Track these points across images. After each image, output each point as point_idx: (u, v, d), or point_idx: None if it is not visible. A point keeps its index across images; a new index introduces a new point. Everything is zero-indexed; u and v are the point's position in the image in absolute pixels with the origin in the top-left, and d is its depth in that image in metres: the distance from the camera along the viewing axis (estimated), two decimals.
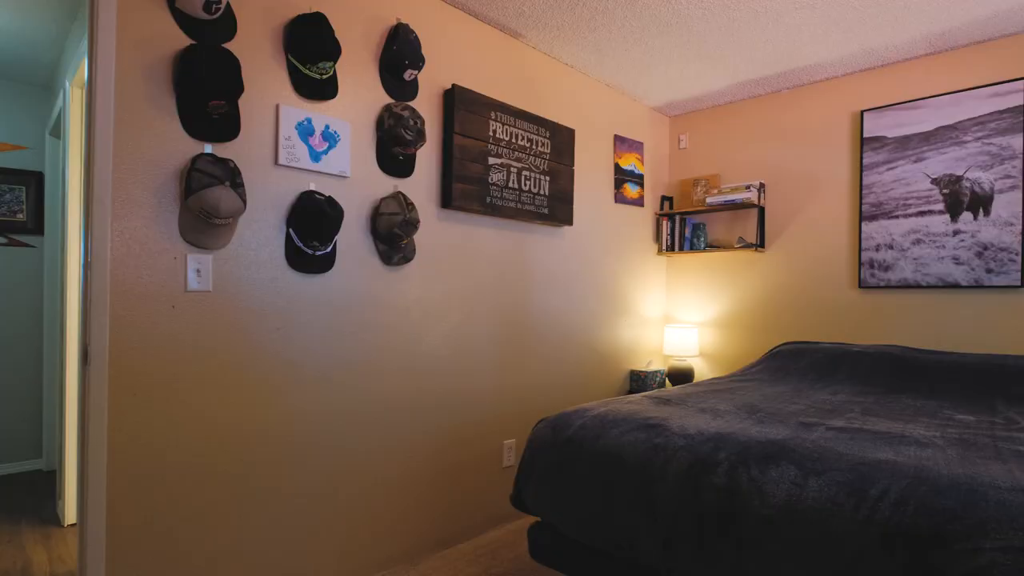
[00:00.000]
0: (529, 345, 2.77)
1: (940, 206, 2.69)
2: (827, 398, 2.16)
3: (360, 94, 2.06)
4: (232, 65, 1.62)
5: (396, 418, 2.21)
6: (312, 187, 1.93)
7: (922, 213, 2.74)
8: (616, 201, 3.30)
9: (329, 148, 1.96)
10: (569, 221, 2.85)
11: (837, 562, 1.12)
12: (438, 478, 2.36)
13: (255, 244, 1.79)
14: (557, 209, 2.78)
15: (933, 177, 2.71)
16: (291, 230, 1.87)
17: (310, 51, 1.82)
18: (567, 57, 2.84)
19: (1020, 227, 2.49)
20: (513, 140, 2.54)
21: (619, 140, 3.31)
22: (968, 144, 2.61)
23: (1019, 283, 2.49)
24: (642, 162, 3.48)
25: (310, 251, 1.90)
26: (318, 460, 1.96)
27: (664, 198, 3.64)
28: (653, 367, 3.56)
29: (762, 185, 3.26)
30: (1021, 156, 2.48)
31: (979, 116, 2.58)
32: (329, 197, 1.91)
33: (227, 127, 1.71)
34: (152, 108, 1.58)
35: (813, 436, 1.49)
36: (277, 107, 1.83)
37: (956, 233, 2.65)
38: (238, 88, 1.63)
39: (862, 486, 1.17)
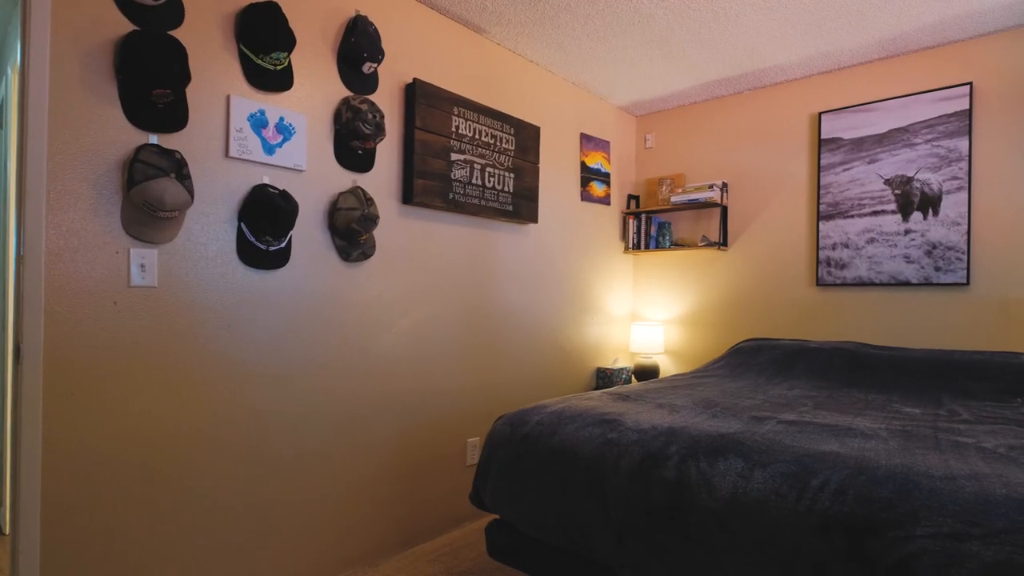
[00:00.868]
0: (494, 343, 2.76)
1: (892, 206, 2.77)
2: (783, 393, 2.21)
3: (317, 86, 2.02)
4: (178, 52, 1.56)
5: (356, 418, 2.17)
6: (266, 180, 1.89)
7: (876, 213, 2.82)
8: (582, 199, 3.31)
9: (284, 141, 1.92)
10: (534, 219, 2.85)
11: (779, 552, 1.14)
12: (400, 478, 2.33)
13: (204, 238, 1.74)
14: (522, 207, 2.77)
15: (886, 178, 2.79)
16: (243, 224, 1.82)
17: (262, 41, 1.78)
18: (532, 54, 2.83)
19: (966, 227, 2.58)
20: (477, 136, 2.52)
21: (585, 138, 3.32)
22: (918, 146, 2.70)
23: (965, 281, 2.58)
24: (609, 161, 3.50)
25: (263, 246, 1.86)
26: (274, 461, 1.92)
27: (631, 197, 3.67)
28: (619, 364, 3.58)
29: (725, 185, 3.31)
30: (967, 158, 2.58)
31: (928, 119, 2.67)
32: (283, 191, 1.87)
33: (174, 117, 1.65)
34: (92, 96, 1.52)
35: (763, 429, 1.52)
36: (228, 98, 1.78)
37: (907, 232, 2.73)
38: (184, 76, 1.58)
39: (804, 477, 1.19)
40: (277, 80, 1.89)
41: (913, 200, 2.71)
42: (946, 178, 2.63)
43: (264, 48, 1.79)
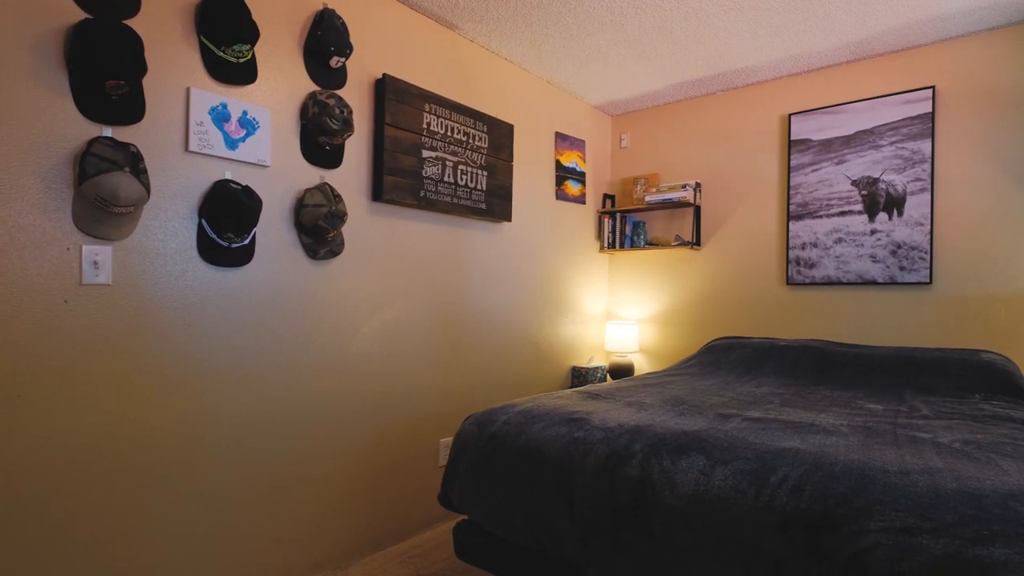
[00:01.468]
0: (468, 342, 2.74)
1: (859, 206, 2.82)
2: (752, 390, 2.23)
3: (282, 80, 1.98)
4: (132, 42, 1.51)
5: (325, 418, 2.13)
6: (228, 176, 1.84)
7: (843, 213, 2.87)
8: (557, 198, 3.31)
9: (247, 135, 1.87)
10: (508, 217, 2.83)
11: (739, 549, 1.14)
12: (371, 478, 2.30)
13: (162, 235, 1.69)
14: (495, 205, 2.75)
15: (853, 179, 2.84)
16: (204, 221, 1.77)
17: (224, 33, 1.73)
18: (506, 51, 2.82)
19: (929, 227, 2.64)
20: (449, 133, 2.50)
21: (560, 137, 3.32)
22: (884, 148, 2.75)
23: (928, 280, 2.63)
24: (584, 160, 3.51)
25: (225, 243, 1.81)
26: (239, 462, 1.87)
27: (606, 196, 3.68)
28: (594, 363, 3.59)
29: (698, 184, 3.34)
30: (930, 160, 2.63)
31: (893, 122, 2.72)
32: (246, 187, 1.82)
33: (129, 109, 1.60)
34: (40, 86, 1.46)
35: (727, 427, 1.53)
36: (188, 90, 1.73)
37: (873, 232, 2.78)
38: (139, 67, 1.53)
39: (764, 474, 1.20)
40: (240, 73, 1.84)
41: (879, 201, 2.77)
42: (910, 179, 2.68)
43: (225, 40, 1.74)
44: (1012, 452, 1.34)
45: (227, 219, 1.77)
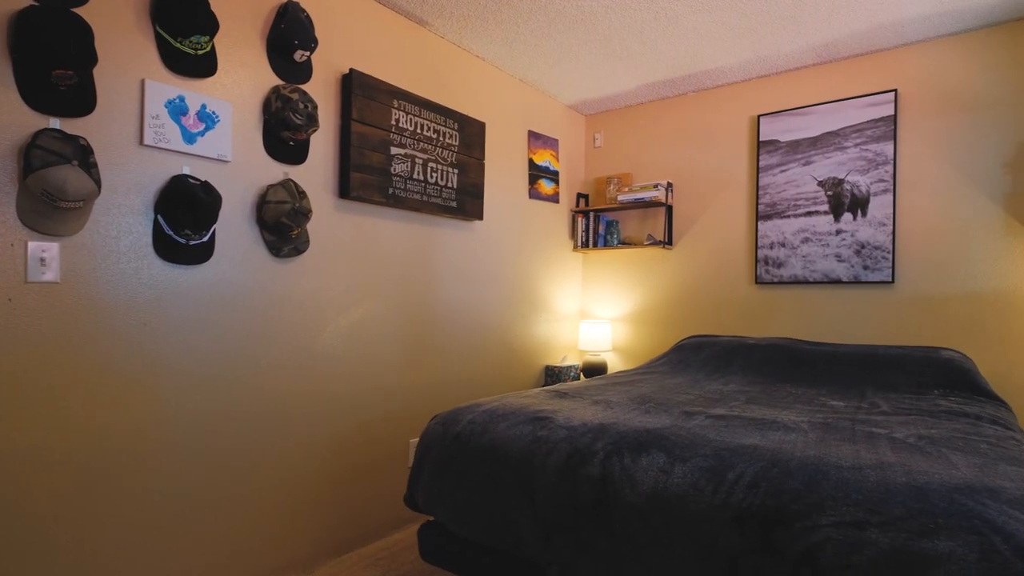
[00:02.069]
0: (439, 342, 2.71)
1: (825, 207, 2.87)
2: (719, 388, 2.25)
3: (244, 73, 1.93)
4: (81, 31, 1.46)
5: (291, 418, 2.09)
6: (186, 171, 1.79)
7: (810, 213, 2.91)
8: (531, 197, 3.30)
9: (206, 129, 1.82)
10: (479, 216, 2.82)
11: (696, 545, 1.15)
12: (337, 480, 2.26)
13: (115, 231, 1.63)
14: (467, 203, 2.73)
15: (819, 180, 2.89)
16: (160, 217, 1.72)
17: (180, 23, 1.68)
18: (477, 49, 2.80)
19: (891, 227, 2.70)
20: (418, 130, 2.47)
21: (533, 136, 3.32)
22: (849, 149, 2.81)
23: (891, 279, 2.69)
24: (557, 159, 3.51)
25: (183, 240, 1.76)
26: (200, 464, 1.82)
27: (580, 195, 3.69)
28: (568, 362, 3.59)
29: (670, 184, 3.36)
30: (892, 162, 2.69)
31: (857, 124, 2.78)
32: (205, 182, 1.77)
33: (79, 101, 1.54)
34: None
35: (690, 424, 1.53)
36: (143, 82, 1.68)
37: (839, 232, 2.83)
38: (88, 57, 1.47)
39: (721, 471, 1.20)
40: (199, 65, 1.79)
41: (844, 201, 2.82)
42: (873, 180, 2.74)
43: (182, 31, 1.69)
44: (963, 447, 1.37)
45: (184, 215, 1.72)
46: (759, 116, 3.07)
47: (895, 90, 2.69)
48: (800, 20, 2.46)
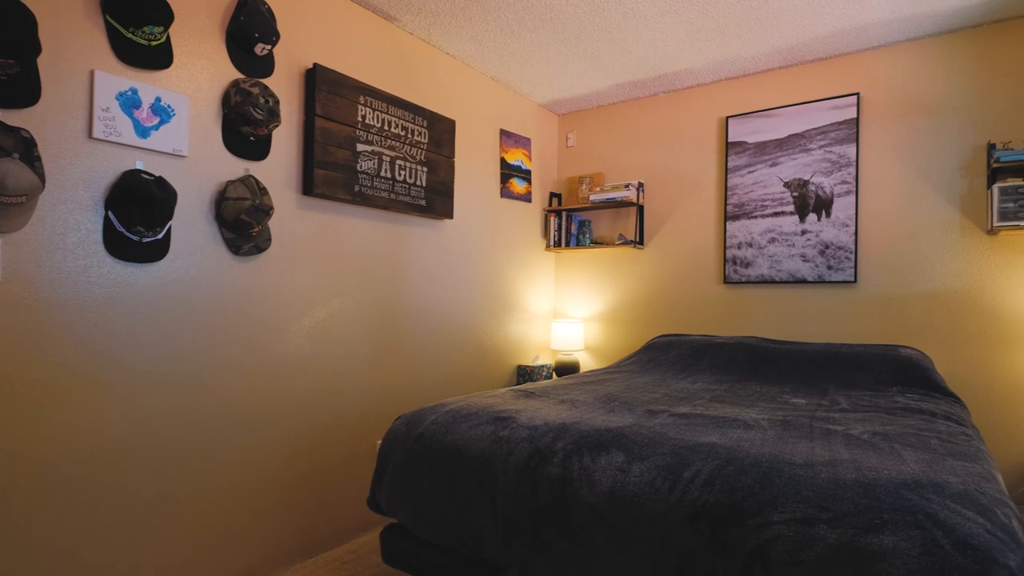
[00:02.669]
0: (408, 342, 2.68)
1: (791, 208, 2.92)
2: (686, 387, 2.27)
3: (201, 66, 1.88)
4: (23, 18, 1.40)
5: (253, 419, 2.04)
6: (139, 166, 1.73)
7: (776, 214, 2.96)
8: (503, 196, 3.29)
9: (161, 123, 1.76)
10: (450, 214, 2.79)
11: (650, 544, 1.15)
12: (302, 481, 2.21)
13: (62, 228, 1.57)
14: (436, 202, 2.71)
15: (785, 181, 2.93)
16: (110, 213, 1.66)
17: (132, 13, 1.62)
18: (447, 46, 2.78)
19: (854, 228, 2.75)
20: (386, 127, 2.44)
21: (505, 135, 3.30)
22: (813, 151, 2.86)
23: (853, 279, 2.75)
24: (530, 158, 3.50)
25: (135, 237, 1.70)
26: (157, 466, 1.76)
27: (553, 195, 3.69)
28: (540, 362, 3.59)
29: (641, 184, 3.38)
30: (855, 164, 2.75)
31: (822, 126, 2.83)
32: (159, 177, 1.72)
33: (20, 91, 1.48)
34: None
35: (652, 423, 1.54)
36: (92, 73, 1.61)
37: (804, 233, 2.88)
38: (29, 46, 1.41)
39: (678, 469, 1.21)
40: (153, 57, 1.73)
41: (809, 202, 2.87)
42: (837, 182, 2.79)
43: (134, 20, 1.64)
44: (915, 443, 1.40)
45: (137, 212, 1.67)
46: (727, 117, 3.10)
47: (857, 94, 2.74)
48: (765, 23, 2.50)
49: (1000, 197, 2.30)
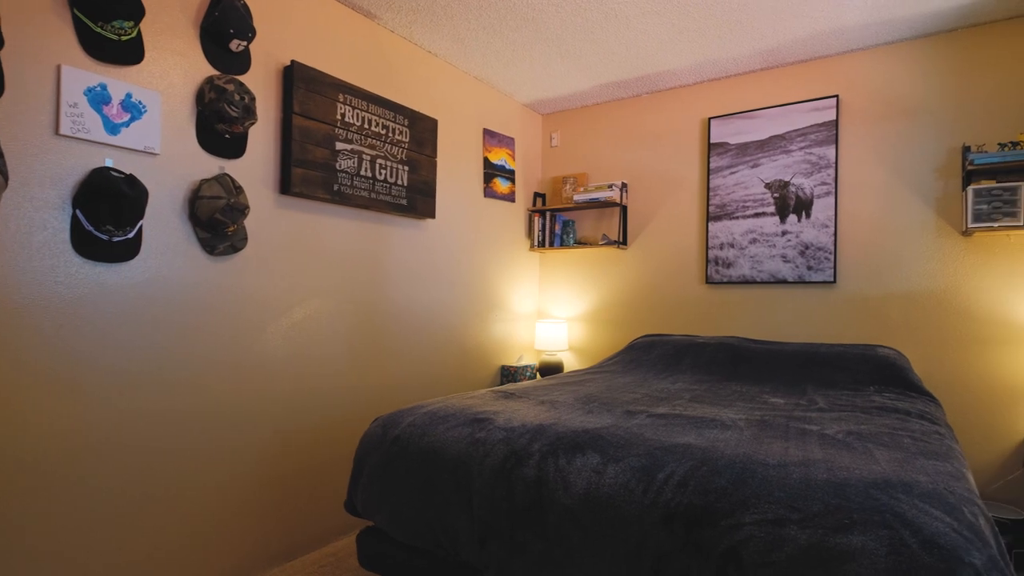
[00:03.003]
0: (389, 343, 2.66)
1: (772, 208, 2.94)
2: (667, 387, 2.27)
3: (175, 62, 1.84)
4: None
5: (230, 422, 2.01)
6: (109, 163, 1.69)
7: (758, 215, 2.98)
8: (486, 195, 3.27)
9: (132, 120, 1.73)
10: (432, 214, 2.77)
11: (625, 546, 1.14)
12: (281, 483, 2.18)
13: (27, 227, 1.53)
14: (418, 201, 2.69)
15: (766, 182, 2.95)
16: (79, 212, 1.62)
17: (100, 7, 1.59)
18: (429, 44, 2.76)
19: (833, 229, 2.78)
20: (366, 126, 2.41)
21: (489, 134, 3.29)
22: (794, 153, 2.88)
23: (832, 279, 2.77)
24: (513, 158, 3.49)
25: (104, 237, 1.66)
26: (133, 464, 1.72)
27: (537, 194, 3.68)
28: (524, 362, 3.58)
29: (624, 185, 3.39)
30: (834, 165, 2.78)
31: (802, 128, 2.85)
32: (130, 175, 1.68)
33: None
34: None
35: (630, 424, 1.53)
36: (58, 68, 1.57)
37: (784, 234, 2.91)
38: None
39: (652, 470, 1.20)
40: (123, 52, 1.70)
41: (789, 203, 2.89)
42: (817, 183, 2.82)
43: (103, 14, 1.60)
44: (888, 442, 1.41)
45: (106, 210, 1.63)
46: (710, 119, 3.12)
47: (837, 96, 2.77)
48: (745, 24, 2.51)
49: (974, 199, 2.34)
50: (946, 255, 2.54)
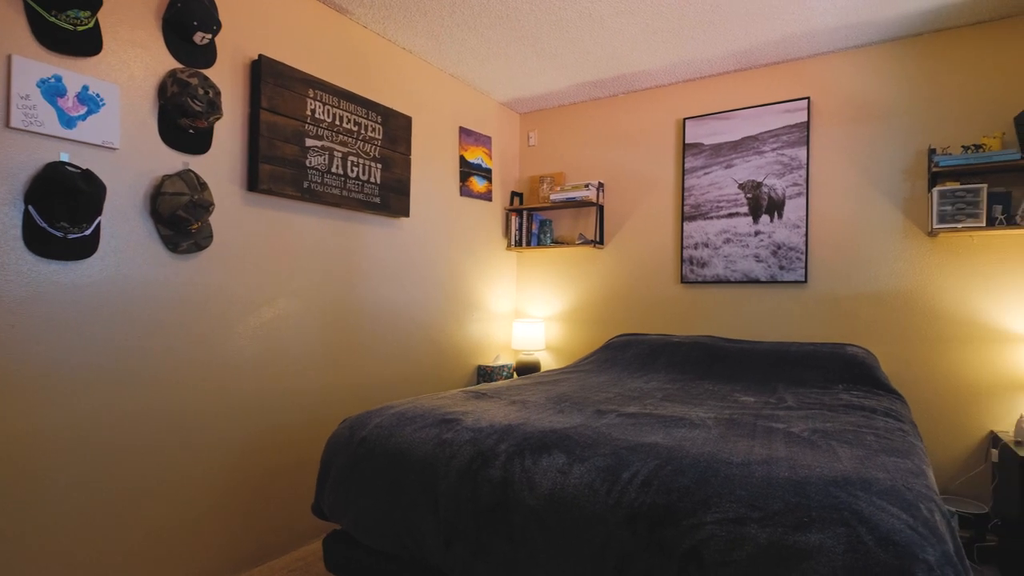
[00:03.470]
0: (363, 342, 2.62)
1: (745, 209, 2.97)
2: (640, 386, 2.27)
3: (135, 54, 1.78)
4: None
5: (194, 421, 1.95)
6: (64, 158, 1.64)
7: (731, 215, 3.01)
8: (462, 194, 3.25)
9: (89, 113, 1.67)
10: (406, 212, 2.74)
11: (589, 547, 1.13)
12: (250, 486, 2.14)
13: None
14: (391, 199, 2.65)
15: (740, 182, 2.98)
16: (31, 208, 1.56)
17: None
18: (403, 41, 2.73)
19: (805, 229, 2.82)
20: (337, 122, 2.37)
21: (465, 132, 3.27)
22: (766, 154, 2.91)
23: (804, 279, 2.81)
24: (490, 156, 3.47)
25: (59, 234, 1.60)
26: (92, 467, 1.66)
27: (514, 193, 3.67)
28: (501, 361, 3.57)
29: (601, 184, 3.39)
30: (805, 166, 2.81)
31: (774, 129, 2.89)
32: (86, 170, 1.63)
33: None
34: None
35: (599, 423, 1.53)
36: (9, 58, 1.52)
37: (757, 234, 2.94)
38: None
39: (617, 470, 1.20)
40: (79, 42, 1.64)
41: (762, 204, 2.92)
42: (788, 184, 2.85)
43: (57, 3, 1.55)
44: (851, 439, 1.43)
45: (61, 206, 1.57)
46: (685, 119, 3.14)
47: (808, 98, 2.81)
48: (718, 25, 2.53)
49: (939, 200, 2.38)
50: (913, 255, 2.59)
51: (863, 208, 2.70)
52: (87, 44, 1.66)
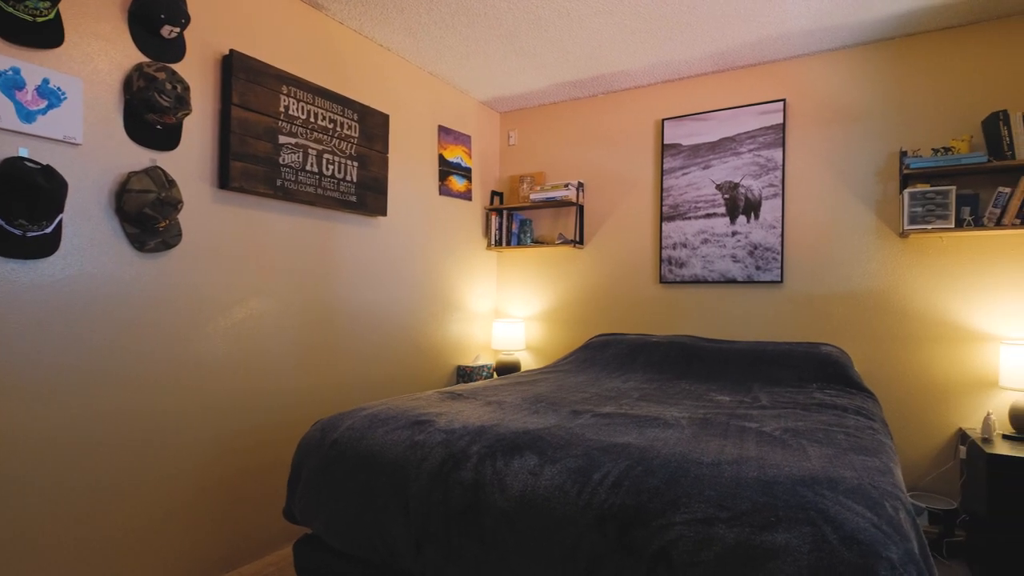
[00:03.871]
0: (339, 342, 2.58)
1: (722, 209, 2.99)
2: (618, 386, 2.27)
3: (99, 47, 1.73)
4: None
5: (163, 422, 1.90)
6: (23, 153, 1.58)
7: (709, 215, 3.03)
8: (441, 193, 3.23)
9: (49, 107, 1.62)
10: (383, 211, 2.71)
11: (559, 549, 1.12)
12: (222, 489, 2.09)
13: None
14: (368, 198, 2.62)
15: (717, 183, 3.00)
16: None
17: None
18: (381, 38, 2.70)
19: (780, 230, 2.85)
20: (311, 119, 2.34)
21: (444, 131, 3.24)
22: (743, 155, 2.93)
23: (780, 279, 2.84)
24: (470, 155, 3.45)
25: (17, 232, 1.55)
26: (54, 470, 1.61)
27: (495, 193, 3.66)
28: (480, 361, 3.55)
29: (581, 184, 3.40)
30: (781, 167, 2.84)
31: (751, 131, 2.91)
32: (46, 166, 1.57)
33: None
34: None
35: (573, 424, 1.52)
36: None
37: (734, 234, 2.96)
38: None
39: (588, 471, 1.19)
40: (38, 34, 1.59)
41: (739, 204, 2.95)
42: (765, 185, 2.88)
43: None
44: (822, 438, 1.44)
45: (19, 203, 1.52)
46: (663, 120, 3.15)
47: (783, 100, 2.84)
48: (694, 27, 2.54)
49: (910, 202, 2.42)
50: (885, 256, 2.63)
51: (837, 209, 2.74)
52: (48, 36, 1.61)
